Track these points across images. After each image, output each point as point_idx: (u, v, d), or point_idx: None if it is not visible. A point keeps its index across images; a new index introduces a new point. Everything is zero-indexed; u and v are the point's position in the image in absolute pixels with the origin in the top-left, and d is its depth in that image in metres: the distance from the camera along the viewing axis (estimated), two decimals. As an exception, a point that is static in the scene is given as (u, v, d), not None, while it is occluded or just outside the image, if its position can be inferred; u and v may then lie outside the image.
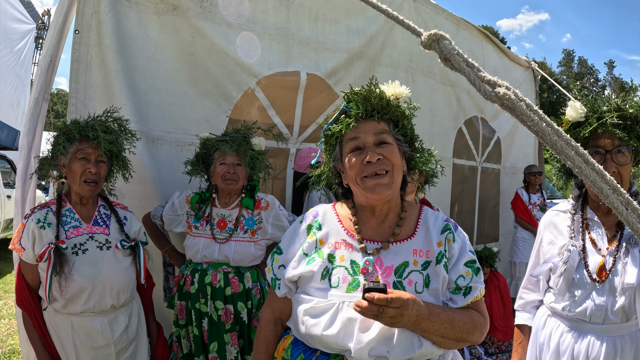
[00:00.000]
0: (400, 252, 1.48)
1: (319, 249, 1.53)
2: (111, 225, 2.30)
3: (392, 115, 1.54)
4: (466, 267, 1.48)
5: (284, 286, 1.56)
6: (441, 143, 4.77)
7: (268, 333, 1.65)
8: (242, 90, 3.31)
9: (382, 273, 1.44)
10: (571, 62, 57.71)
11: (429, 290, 1.43)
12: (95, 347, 2.16)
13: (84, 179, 2.18)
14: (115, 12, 2.84)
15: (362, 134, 1.50)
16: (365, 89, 1.53)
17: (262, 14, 3.39)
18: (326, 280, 1.46)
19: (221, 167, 2.63)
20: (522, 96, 0.97)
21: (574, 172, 0.91)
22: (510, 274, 5.97)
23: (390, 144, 1.51)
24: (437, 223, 1.55)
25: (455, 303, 1.45)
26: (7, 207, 8.24)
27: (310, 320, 1.42)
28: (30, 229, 2.12)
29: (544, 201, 6.00)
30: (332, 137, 1.59)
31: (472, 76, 1.01)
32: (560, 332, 1.90)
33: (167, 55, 3.04)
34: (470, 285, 1.46)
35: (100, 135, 2.17)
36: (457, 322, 1.39)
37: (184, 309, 2.66)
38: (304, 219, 1.64)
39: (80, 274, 2.11)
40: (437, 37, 1.07)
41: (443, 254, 1.47)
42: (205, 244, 2.61)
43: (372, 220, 1.55)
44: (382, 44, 4.16)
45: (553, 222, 2.05)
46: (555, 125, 0.93)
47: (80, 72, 2.78)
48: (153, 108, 3.01)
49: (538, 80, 6.79)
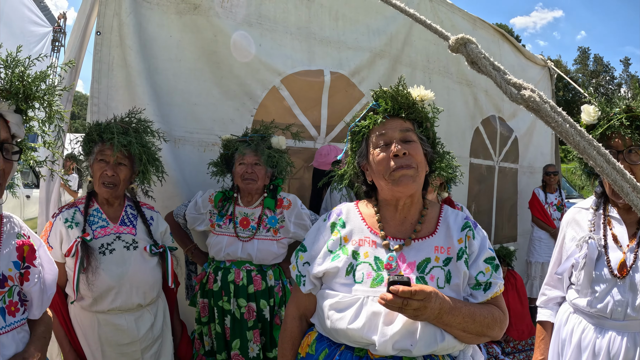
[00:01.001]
0: (422, 248, 1.52)
1: (343, 246, 1.57)
2: (138, 225, 2.32)
3: (416, 115, 1.60)
4: (486, 264, 1.52)
5: (309, 282, 1.61)
6: (457, 143, 4.76)
7: (294, 329, 1.69)
8: (266, 88, 3.33)
9: (405, 269, 1.49)
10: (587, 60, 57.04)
11: (451, 286, 1.47)
12: (121, 344, 2.19)
13: (101, 181, 2.20)
14: (136, 13, 2.87)
15: (389, 130, 1.55)
16: (393, 88, 1.59)
17: (283, 14, 3.41)
18: (351, 276, 1.50)
19: (240, 167, 2.66)
20: (547, 98, 0.99)
21: (596, 170, 0.93)
22: (526, 273, 5.94)
23: (415, 142, 1.55)
24: (458, 221, 1.59)
25: (476, 298, 1.49)
26: (27, 208, 8.36)
27: (335, 315, 1.47)
28: (58, 228, 2.16)
29: (561, 201, 5.96)
30: (359, 134, 1.64)
31: (498, 79, 1.04)
32: (582, 329, 1.91)
33: (189, 55, 3.07)
34: (490, 281, 1.50)
35: (114, 137, 2.17)
36: (478, 317, 1.43)
37: (207, 306, 2.69)
38: (328, 217, 1.69)
39: (108, 273, 2.14)
40: (464, 41, 1.10)
41: (464, 250, 1.51)
42: (229, 242, 2.64)
43: (395, 216, 1.59)
44: (403, 43, 4.18)
45: (575, 219, 2.06)
46: (578, 126, 0.96)
47: (102, 73, 2.81)
48: (175, 108, 3.04)
49: (554, 79, 6.73)
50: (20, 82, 1.58)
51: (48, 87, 1.65)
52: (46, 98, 1.65)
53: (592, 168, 0.90)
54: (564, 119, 0.96)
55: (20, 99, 1.59)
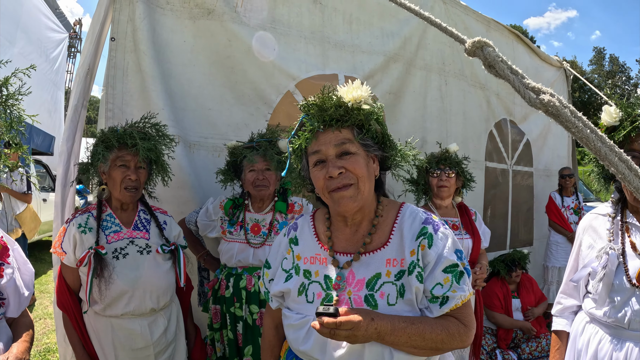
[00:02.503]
0: (372, 263, 1.43)
1: (296, 265, 1.55)
2: (151, 229, 2.33)
3: (354, 120, 1.44)
4: (445, 274, 1.38)
5: (274, 300, 1.61)
6: (474, 146, 4.71)
7: (271, 338, 1.73)
8: (281, 93, 3.32)
9: (354, 287, 1.41)
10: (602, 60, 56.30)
11: (404, 300, 1.38)
12: (135, 349, 2.20)
13: (124, 186, 2.21)
14: (150, 18, 2.89)
15: (322, 147, 1.43)
16: (319, 97, 1.45)
17: (297, 18, 3.41)
18: (303, 296, 1.48)
19: (251, 174, 2.64)
20: (566, 102, 0.96)
21: (617, 177, 0.90)
22: (543, 278, 5.85)
23: (354, 154, 1.43)
24: (413, 227, 1.44)
25: (432, 312, 1.39)
26: (43, 211, 8.46)
27: (291, 334, 1.48)
28: (71, 234, 2.17)
29: (578, 204, 5.87)
30: (297, 149, 1.52)
31: (516, 83, 1.01)
32: (598, 339, 1.85)
33: (204, 60, 3.08)
34: (447, 295, 1.36)
35: (138, 142, 2.20)
36: (428, 334, 1.34)
37: (219, 312, 2.68)
38: (287, 231, 1.65)
39: (121, 278, 2.14)
40: (481, 44, 1.07)
41: (415, 263, 1.38)
42: (240, 248, 2.63)
43: (345, 230, 1.53)
44: (417, 46, 4.15)
45: (592, 226, 2.00)
46: (599, 132, 0.93)
47: (117, 78, 2.83)
48: (190, 113, 3.05)
49: (570, 80, 6.64)
50: None
51: (9, 94, 1.69)
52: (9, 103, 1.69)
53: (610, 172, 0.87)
54: (585, 124, 0.93)
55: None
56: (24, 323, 1.82)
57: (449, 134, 4.36)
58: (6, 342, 1.68)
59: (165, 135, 2.39)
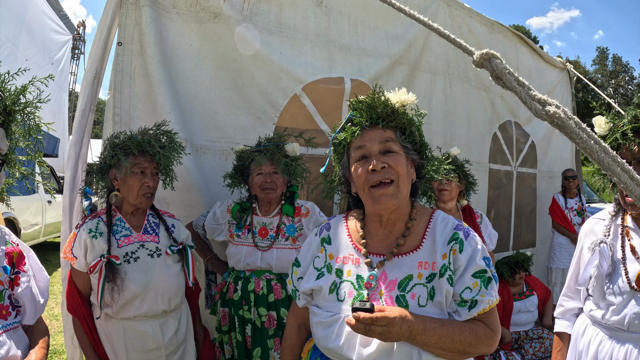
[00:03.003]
0: (404, 264, 1.48)
1: (328, 264, 1.58)
2: (160, 233, 2.35)
3: (398, 122, 1.53)
4: (474, 278, 1.42)
5: (302, 298, 1.64)
6: (478, 148, 4.73)
7: (293, 337, 1.75)
8: (287, 96, 3.34)
9: (386, 287, 1.46)
10: (605, 60, 56.18)
11: (434, 303, 1.42)
12: (147, 350, 2.22)
13: (142, 192, 2.24)
14: (156, 22, 2.90)
15: (367, 143, 1.50)
16: (369, 96, 1.54)
17: (303, 21, 3.43)
18: (334, 294, 1.52)
19: (258, 178, 2.66)
20: (571, 114, 0.99)
21: (619, 187, 0.93)
22: (547, 280, 5.86)
23: (396, 153, 1.50)
24: (445, 232, 1.49)
25: (460, 316, 1.43)
26: (48, 212, 8.50)
27: (320, 332, 1.50)
28: (82, 239, 2.19)
29: (582, 206, 5.88)
30: (339, 146, 1.60)
31: (523, 95, 1.04)
32: (598, 341, 1.88)
33: (210, 63, 3.09)
34: (476, 299, 1.41)
35: (159, 151, 2.24)
36: (458, 337, 1.38)
37: (227, 315, 2.70)
38: (319, 231, 1.69)
39: (133, 281, 2.16)
40: (488, 56, 1.10)
41: (447, 266, 1.43)
42: (248, 252, 2.65)
43: (380, 231, 1.56)
44: (421, 49, 4.16)
45: (593, 230, 2.03)
46: (602, 143, 0.95)
47: (124, 82, 2.85)
48: (197, 117, 3.07)
49: (574, 81, 6.64)
50: (0, 97, 1.64)
51: (27, 102, 1.71)
52: (27, 111, 1.71)
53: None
54: (589, 136, 0.96)
55: (1, 113, 1.65)
56: (40, 330, 1.83)
57: (453, 137, 4.37)
58: (24, 349, 1.70)
59: (178, 143, 2.41)
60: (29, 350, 1.71)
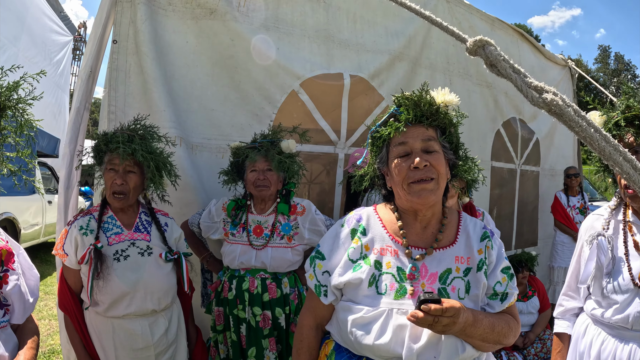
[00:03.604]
0: (443, 258, 1.51)
1: (365, 255, 1.53)
2: (152, 231, 2.33)
3: (440, 122, 1.56)
4: (502, 274, 1.53)
5: (330, 293, 1.56)
6: (479, 146, 4.67)
7: (311, 340, 1.65)
8: (285, 92, 3.30)
9: (427, 279, 1.47)
10: (607, 59, 55.98)
11: (470, 297, 1.47)
12: (135, 349, 2.20)
13: (112, 191, 2.21)
14: (152, 20, 2.88)
15: (410, 139, 1.51)
16: (416, 94, 1.54)
17: (301, 17, 3.38)
18: (373, 288, 1.47)
19: (252, 174, 2.63)
20: (569, 102, 0.95)
21: (621, 177, 0.89)
22: (549, 278, 5.81)
23: (437, 152, 1.51)
24: (477, 230, 1.58)
25: (493, 308, 1.51)
26: (48, 213, 8.49)
27: (359, 330, 1.43)
28: (73, 236, 2.17)
29: (584, 204, 5.83)
30: (379, 140, 1.60)
31: (519, 82, 1.01)
32: (601, 340, 1.84)
33: (206, 60, 3.06)
34: (507, 292, 1.52)
35: (120, 146, 2.15)
36: (497, 327, 1.45)
37: (222, 314, 2.67)
38: (346, 222, 1.63)
39: (122, 280, 2.14)
40: (482, 43, 1.08)
41: (483, 261, 1.51)
42: (242, 250, 2.62)
43: (415, 225, 1.56)
44: (422, 45, 4.11)
45: (594, 227, 1.99)
46: (603, 131, 0.92)
47: (119, 80, 2.82)
48: (192, 115, 3.03)
49: (575, 79, 6.59)
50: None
51: (19, 98, 1.69)
52: (19, 107, 1.69)
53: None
54: (588, 123, 0.92)
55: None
56: (29, 329, 1.80)
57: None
58: (12, 349, 1.67)
59: (157, 134, 2.36)
60: (18, 351, 1.68)
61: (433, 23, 1.17)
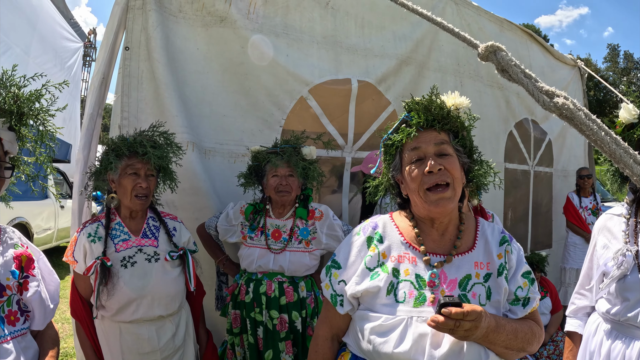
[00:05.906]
0: (462, 265, 1.48)
1: (382, 263, 1.50)
2: (160, 236, 2.33)
3: (452, 125, 1.54)
4: (523, 278, 1.50)
5: (347, 303, 1.53)
6: (492, 147, 4.65)
7: (326, 351, 1.62)
8: (294, 98, 3.32)
9: (447, 286, 1.44)
10: (617, 57, 55.49)
11: (491, 302, 1.44)
12: (142, 353, 2.20)
13: (135, 194, 2.22)
14: (163, 27, 2.90)
15: (423, 144, 1.49)
16: (426, 98, 1.53)
17: (309, 23, 3.41)
18: (392, 296, 1.44)
19: (274, 180, 2.63)
20: (580, 105, 0.96)
21: (633, 180, 0.89)
22: (560, 280, 5.76)
23: (451, 155, 1.50)
24: (495, 235, 1.55)
25: (515, 314, 1.47)
26: (61, 217, 8.57)
27: (378, 338, 1.40)
28: (81, 243, 2.19)
29: (596, 205, 5.78)
30: (392, 147, 1.58)
31: (530, 87, 1.02)
32: (611, 339, 1.84)
33: (217, 67, 3.09)
34: (529, 296, 1.48)
35: (149, 150, 2.20)
36: (520, 333, 1.41)
37: (239, 317, 2.68)
38: (361, 230, 1.61)
39: (129, 286, 2.15)
40: (494, 49, 1.09)
41: (504, 265, 1.48)
42: (260, 254, 2.63)
43: (432, 232, 1.54)
44: (429, 48, 4.11)
45: (607, 226, 1.98)
46: (613, 134, 0.92)
47: (131, 86, 2.85)
48: (204, 120, 3.06)
49: (585, 79, 6.55)
50: (14, 101, 1.62)
51: (41, 107, 1.70)
52: (40, 117, 1.70)
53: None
54: (599, 127, 0.93)
55: (14, 117, 1.64)
56: (49, 336, 1.80)
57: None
58: (32, 357, 1.66)
59: (174, 143, 2.39)
60: (38, 358, 1.69)
61: (445, 29, 1.18)
